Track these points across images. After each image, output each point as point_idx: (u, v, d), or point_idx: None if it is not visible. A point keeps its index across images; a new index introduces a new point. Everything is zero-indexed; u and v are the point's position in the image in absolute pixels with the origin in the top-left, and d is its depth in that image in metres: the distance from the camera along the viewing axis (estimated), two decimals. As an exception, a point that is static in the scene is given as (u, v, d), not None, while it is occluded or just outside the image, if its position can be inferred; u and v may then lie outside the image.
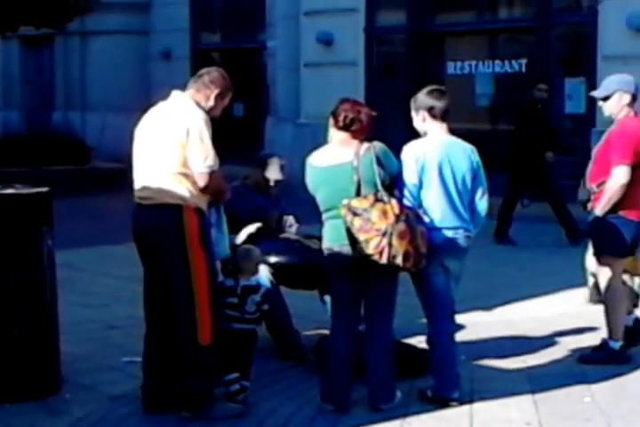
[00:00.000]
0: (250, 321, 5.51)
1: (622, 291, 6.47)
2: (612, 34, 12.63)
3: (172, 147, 5.12)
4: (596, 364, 6.22)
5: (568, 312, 7.63)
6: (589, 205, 6.37)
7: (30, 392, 5.50)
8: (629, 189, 6.19)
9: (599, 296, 6.66)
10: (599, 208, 6.22)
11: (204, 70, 5.44)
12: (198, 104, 5.26)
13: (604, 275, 6.39)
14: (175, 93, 5.37)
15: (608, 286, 6.36)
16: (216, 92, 5.33)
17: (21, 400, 5.44)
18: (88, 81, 20.86)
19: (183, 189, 5.13)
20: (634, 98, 6.39)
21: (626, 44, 12.43)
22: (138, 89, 20.27)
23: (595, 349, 6.45)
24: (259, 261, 5.75)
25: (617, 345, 6.33)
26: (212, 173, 5.12)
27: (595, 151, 6.46)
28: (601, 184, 6.25)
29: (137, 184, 5.32)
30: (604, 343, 6.39)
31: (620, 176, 6.16)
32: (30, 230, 5.50)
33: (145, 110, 5.43)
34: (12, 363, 5.49)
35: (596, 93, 6.46)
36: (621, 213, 6.25)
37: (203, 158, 5.09)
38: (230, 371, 5.40)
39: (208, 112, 5.27)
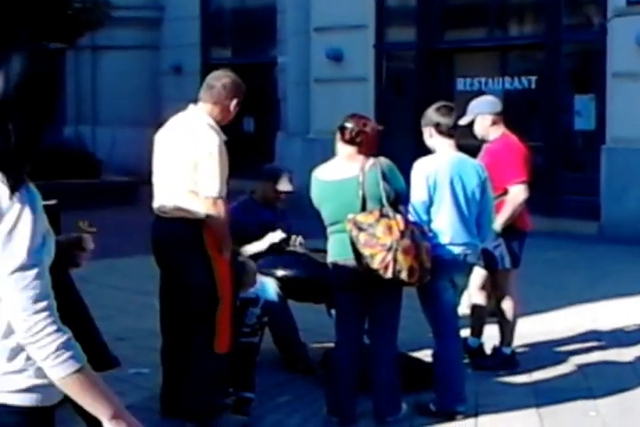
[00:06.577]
0: (249, 334, 5.51)
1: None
2: (621, 51, 12.68)
3: (186, 166, 5.08)
4: (489, 370, 6.34)
5: (576, 327, 7.63)
6: None
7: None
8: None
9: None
10: (499, 224, 6.20)
11: (214, 78, 5.27)
12: (217, 121, 5.19)
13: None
14: (192, 108, 5.26)
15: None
16: (235, 102, 5.26)
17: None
18: (99, 95, 20.98)
19: (199, 205, 5.11)
20: (499, 116, 6.50)
21: (635, 61, 12.48)
22: (148, 103, 20.37)
23: (488, 356, 6.59)
24: (255, 273, 5.76)
25: (509, 351, 6.51)
26: (217, 201, 5.06)
27: None
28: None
29: (156, 198, 5.30)
30: (497, 350, 6.56)
31: (520, 193, 6.31)
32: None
33: (157, 125, 5.34)
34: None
35: (461, 122, 6.30)
36: None
37: (211, 184, 5.03)
38: (233, 384, 5.41)
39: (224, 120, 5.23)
